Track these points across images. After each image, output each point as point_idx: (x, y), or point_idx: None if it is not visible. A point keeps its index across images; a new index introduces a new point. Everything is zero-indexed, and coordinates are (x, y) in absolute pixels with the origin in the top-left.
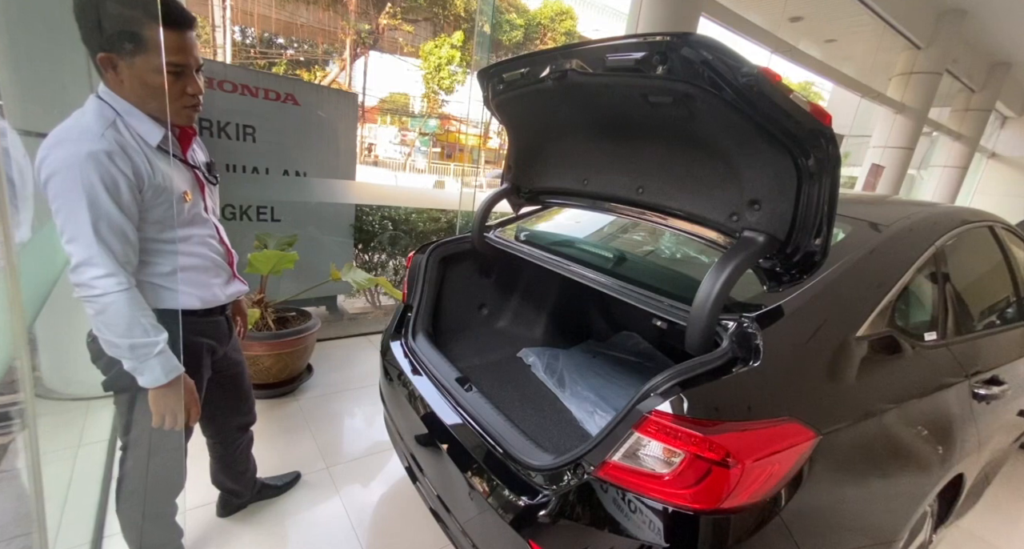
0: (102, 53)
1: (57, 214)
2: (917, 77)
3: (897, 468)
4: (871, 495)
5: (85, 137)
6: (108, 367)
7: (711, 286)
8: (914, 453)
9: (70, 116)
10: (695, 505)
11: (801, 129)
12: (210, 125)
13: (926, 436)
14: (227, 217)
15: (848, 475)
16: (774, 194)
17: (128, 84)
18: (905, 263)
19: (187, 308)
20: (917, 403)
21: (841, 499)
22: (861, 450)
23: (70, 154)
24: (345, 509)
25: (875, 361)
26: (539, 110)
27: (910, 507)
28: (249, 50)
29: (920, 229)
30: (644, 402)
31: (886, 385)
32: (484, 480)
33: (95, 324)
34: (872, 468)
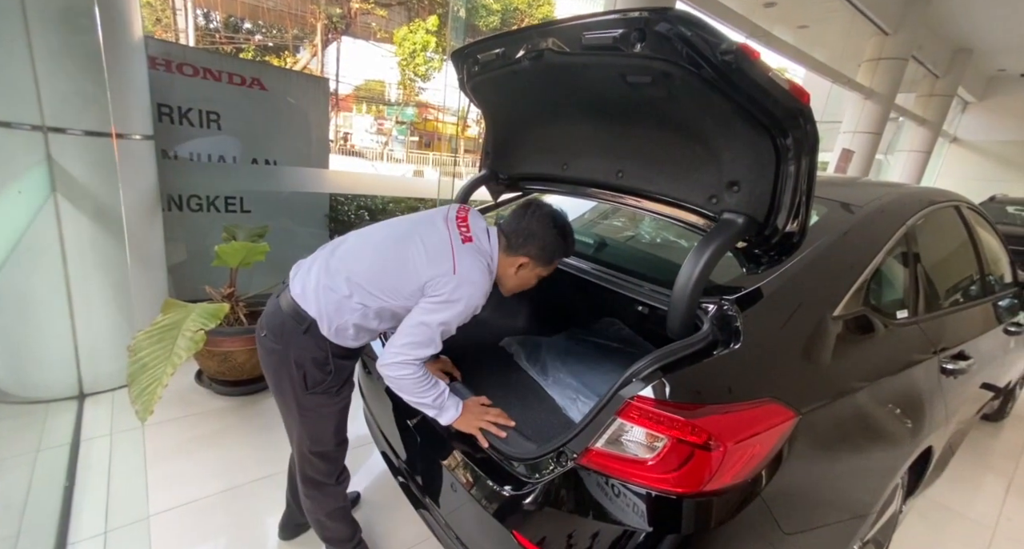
0: (525, 259)
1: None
2: (885, 63)
3: (872, 444)
4: (848, 471)
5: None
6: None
7: (691, 270)
8: (887, 429)
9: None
10: (678, 489)
11: (779, 108)
12: (170, 111)
13: (898, 412)
14: (192, 209)
15: (826, 453)
16: (753, 175)
17: (519, 275)
18: (878, 243)
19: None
20: (890, 380)
21: (820, 476)
22: (838, 428)
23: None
24: None
25: (850, 340)
26: (516, 93)
27: (884, 481)
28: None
29: (891, 210)
30: (626, 388)
31: (861, 363)
32: (466, 472)
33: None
34: (848, 445)
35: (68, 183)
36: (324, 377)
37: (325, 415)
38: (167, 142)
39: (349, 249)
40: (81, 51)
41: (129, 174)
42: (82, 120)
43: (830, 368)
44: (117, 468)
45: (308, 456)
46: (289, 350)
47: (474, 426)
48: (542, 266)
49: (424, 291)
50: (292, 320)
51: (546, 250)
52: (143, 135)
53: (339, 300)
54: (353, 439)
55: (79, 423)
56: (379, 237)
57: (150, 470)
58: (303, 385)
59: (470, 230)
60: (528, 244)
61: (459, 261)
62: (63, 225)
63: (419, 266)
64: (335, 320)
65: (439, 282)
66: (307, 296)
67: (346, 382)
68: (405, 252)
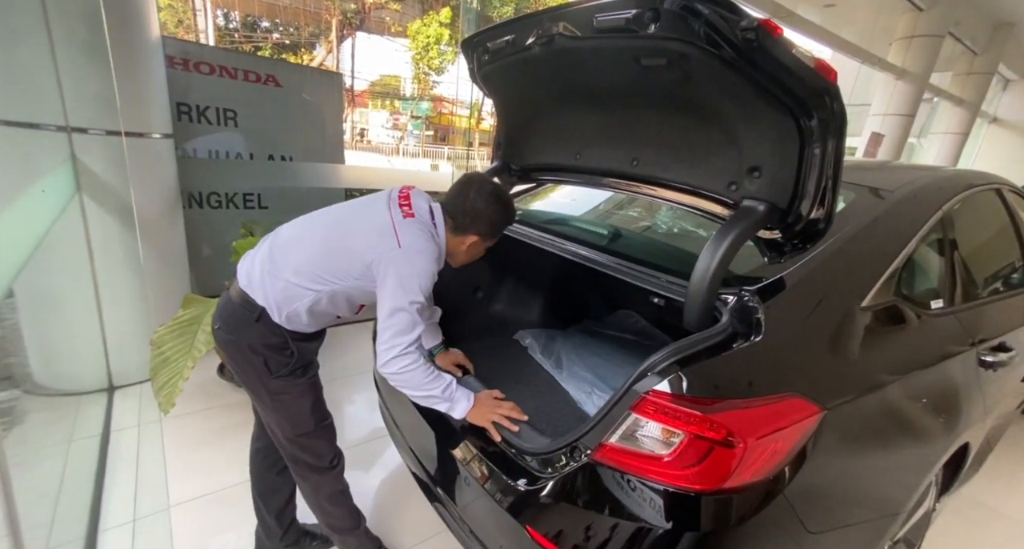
0: (475, 237)
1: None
2: (919, 41)
3: (904, 440)
4: (878, 468)
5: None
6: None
7: (709, 259)
8: (921, 424)
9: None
10: (697, 486)
11: (804, 87)
12: (189, 110)
13: (932, 406)
14: (213, 206)
15: (854, 449)
16: (775, 160)
17: (466, 250)
18: (910, 230)
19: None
20: (923, 373)
21: (847, 474)
22: (867, 423)
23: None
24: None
25: (881, 332)
26: (527, 81)
27: (916, 478)
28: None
29: (925, 194)
30: (641, 382)
31: (892, 356)
32: (479, 466)
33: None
34: (878, 441)
35: (92, 182)
36: (287, 360)
37: (297, 396)
38: (187, 141)
39: (292, 235)
40: (100, 52)
41: (149, 172)
42: (104, 120)
43: (859, 361)
44: (144, 459)
45: (295, 441)
46: (242, 339)
47: (487, 419)
48: (490, 239)
49: (373, 270)
50: (242, 310)
51: (494, 226)
52: (162, 134)
53: (285, 286)
54: (373, 431)
55: (109, 415)
56: (321, 222)
57: (175, 461)
58: (266, 371)
59: (412, 207)
60: (476, 224)
61: (402, 235)
62: (89, 223)
63: (363, 247)
64: (284, 307)
65: (387, 260)
66: (253, 285)
67: (311, 363)
68: (348, 234)
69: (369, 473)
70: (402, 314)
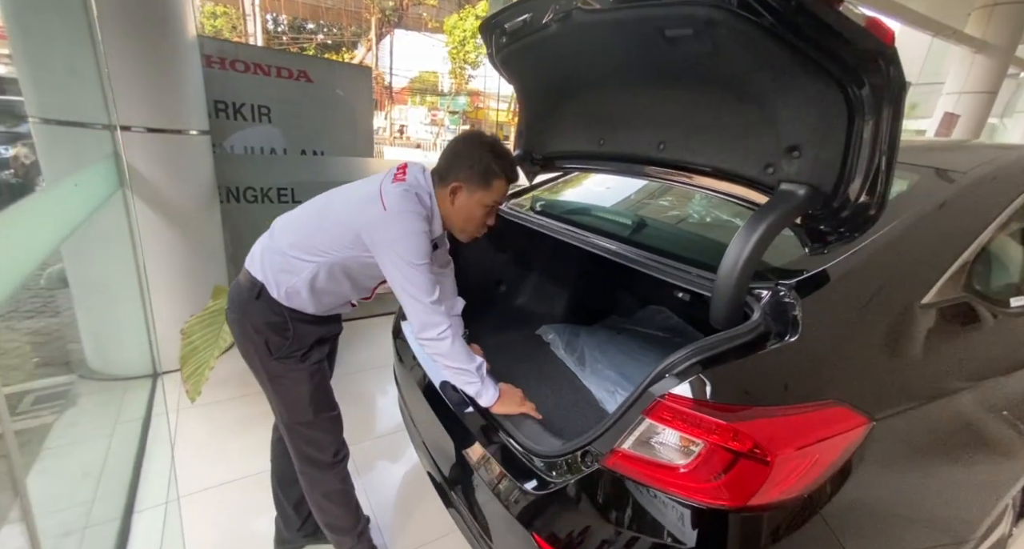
0: (457, 183)
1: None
2: (1003, 8)
3: (974, 457)
4: (940, 488)
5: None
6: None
7: (739, 249)
8: (995, 439)
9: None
10: (718, 502)
11: (854, 52)
12: (226, 107)
13: (1011, 419)
14: (248, 200)
15: (911, 466)
16: (818, 137)
17: (456, 206)
18: (986, 216)
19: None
20: (1001, 381)
21: (902, 494)
22: (929, 437)
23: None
24: (363, 488)
25: (947, 332)
26: (547, 63)
27: (989, 500)
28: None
29: (1006, 175)
30: (658, 384)
31: (962, 361)
32: (489, 467)
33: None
34: (943, 458)
35: (135, 177)
36: (284, 342)
37: (295, 381)
38: (224, 137)
39: (294, 214)
40: (142, 53)
41: (187, 168)
42: (145, 118)
43: (919, 366)
44: (180, 443)
45: (294, 428)
46: (246, 318)
47: (514, 410)
48: (479, 188)
49: (364, 239)
50: (246, 288)
51: (476, 167)
52: (199, 130)
53: (283, 259)
54: (395, 425)
55: (152, 400)
56: (321, 199)
57: (209, 446)
58: (267, 352)
59: (405, 175)
60: (456, 166)
61: (387, 198)
62: (132, 216)
63: (349, 215)
64: (283, 282)
65: (373, 225)
66: (254, 262)
67: (312, 348)
68: (339, 206)
69: (387, 468)
70: (412, 273)
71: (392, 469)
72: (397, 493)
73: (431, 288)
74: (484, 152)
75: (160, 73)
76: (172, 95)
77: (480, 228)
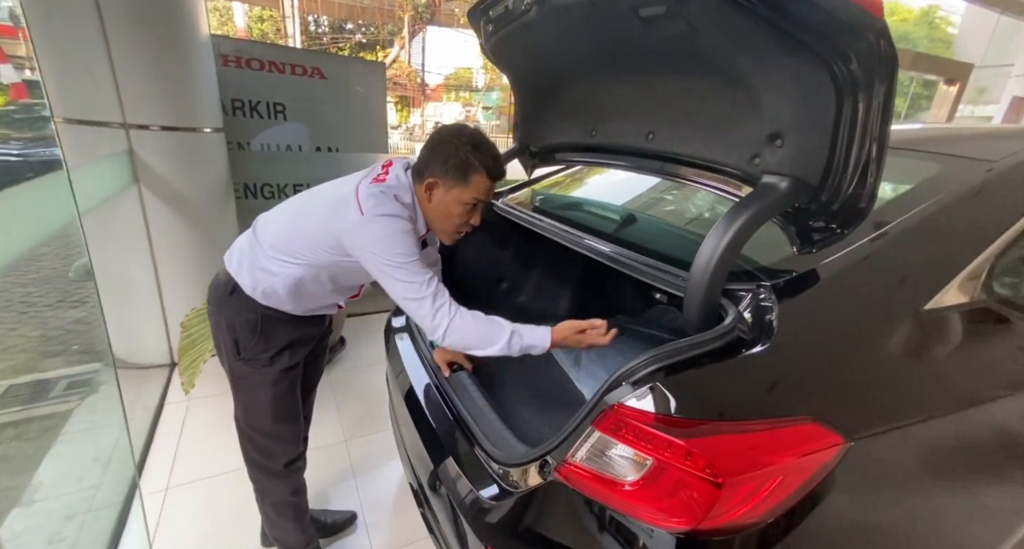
0: (433, 178)
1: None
2: None
3: (982, 482)
4: (940, 516)
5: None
6: None
7: (713, 247)
8: (1007, 465)
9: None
10: (665, 523)
11: (838, 25)
12: (242, 105)
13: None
14: (266, 197)
15: (904, 491)
16: (802, 124)
17: (433, 203)
18: (1013, 212)
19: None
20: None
21: (892, 523)
22: (927, 458)
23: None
24: (355, 484)
25: (957, 342)
26: (534, 50)
27: (1000, 530)
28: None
29: None
30: (614, 392)
31: (975, 374)
32: (451, 472)
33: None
34: (944, 482)
35: (148, 174)
36: (251, 342)
37: (257, 385)
38: (241, 134)
39: (273, 214)
40: (153, 53)
41: (201, 165)
42: (158, 116)
43: (916, 381)
44: (187, 433)
45: (245, 431)
46: (220, 313)
47: (583, 341)
48: (456, 184)
49: (344, 245)
50: (221, 284)
51: (451, 161)
52: (213, 128)
53: (263, 259)
54: (380, 428)
55: (166, 389)
56: (300, 201)
57: (213, 436)
58: (235, 350)
59: (387, 174)
60: (432, 160)
61: (363, 202)
62: (147, 213)
63: (330, 220)
64: (261, 281)
65: (354, 231)
66: (232, 258)
67: (282, 352)
68: (313, 208)
69: (381, 465)
70: (399, 273)
71: (386, 467)
72: (388, 491)
73: (424, 283)
74: (462, 144)
75: (173, 73)
76: (186, 94)
77: (460, 228)
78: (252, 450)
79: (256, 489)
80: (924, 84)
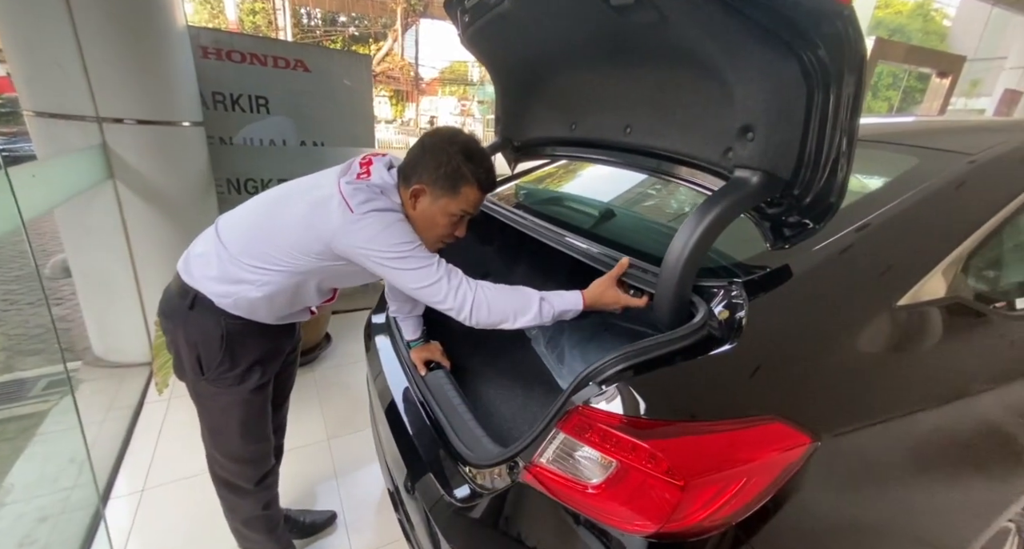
0: (420, 185)
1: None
2: None
3: (954, 480)
4: (912, 515)
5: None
6: None
7: (684, 242)
8: (983, 459)
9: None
10: (628, 526)
11: (805, 12)
12: (223, 99)
13: (1005, 436)
14: (250, 191)
15: (873, 491)
16: (773, 116)
17: (418, 211)
18: (990, 206)
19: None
20: (996, 392)
21: (862, 521)
22: (896, 457)
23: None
24: (337, 483)
25: (928, 338)
26: (510, 42)
27: (973, 528)
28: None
29: (1018, 158)
30: (581, 392)
31: (945, 371)
32: (424, 475)
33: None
34: (914, 481)
35: (124, 169)
36: (217, 358)
37: (227, 407)
38: (223, 128)
39: (239, 216)
40: (127, 44)
41: (180, 160)
42: (134, 110)
43: (887, 377)
44: (166, 433)
45: (212, 453)
46: (179, 330)
47: (619, 301)
48: (445, 194)
49: (336, 249)
50: (176, 296)
51: (442, 169)
52: (192, 122)
53: (234, 267)
54: (363, 426)
55: (146, 388)
56: (268, 201)
57: (192, 437)
58: (198, 369)
59: (369, 173)
60: (421, 166)
61: (350, 199)
62: (124, 209)
63: (315, 224)
64: (232, 292)
65: (346, 233)
66: (189, 266)
67: (252, 368)
68: (298, 212)
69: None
70: (406, 261)
71: (368, 467)
72: (369, 491)
73: (434, 266)
74: (454, 152)
75: (147, 65)
76: (161, 87)
77: (444, 239)
78: (219, 470)
79: (225, 506)
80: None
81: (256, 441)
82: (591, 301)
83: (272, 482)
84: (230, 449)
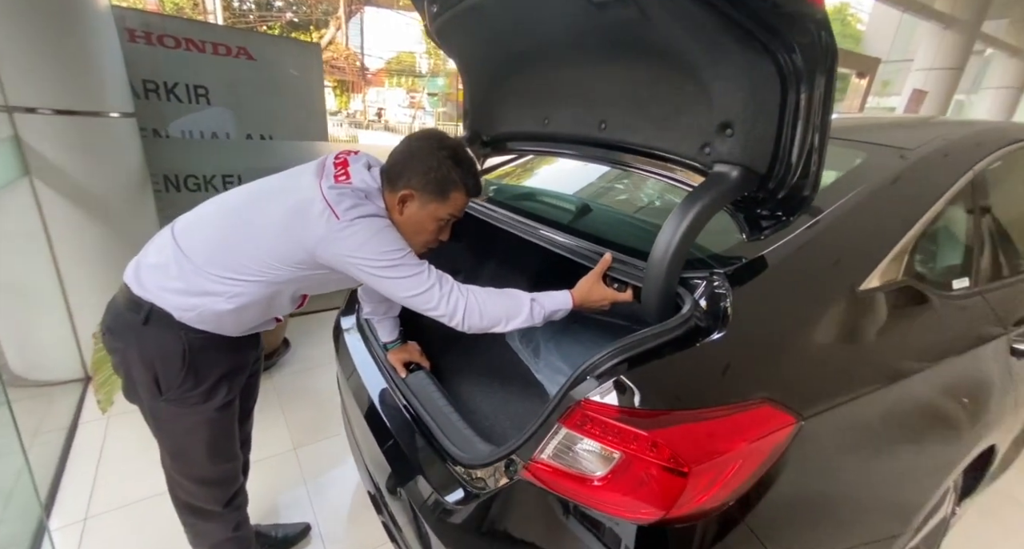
0: (407, 191)
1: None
2: None
3: (911, 447)
4: (878, 483)
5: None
6: None
7: (670, 236)
8: (933, 427)
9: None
10: (634, 515)
11: (782, 16)
12: (156, 87)
13: (950, 406)
14: (191, 189)
15: (845, 463)
16: (750, 113)
17: (405, 216)
18: (931, 195)
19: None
20: (940, 366)
21: (840, 491)
22: (865, 431)
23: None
24: (308, 492)
25: (885, 319)
26: (482, 34)
27: (926, 488)
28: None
29: (954, 152)
30: (580, 386)
31: (901, 348)
32: (413, 477)
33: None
34: (880, 451)
35: (42, 165)
36: (178, 377)
37: (192, 428)
38: (157, 120)
39: (201, 221)
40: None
41: (109, 154)
42: (52, 99)
43: (853, 357)
44: (107, 454)
45: (175, 478)
46: (131, 348)
47: (606, 298)
48: (434, 200)
49: (319, 258)
50: (126, 310)
51: (432, 175)
52: (122, 113)
53: (197, 278)
54: (334, 432)
55: (80, 406)
56: (235, 203)
57: (138, 457)
58: (155, 390)
59: (348, 175)
60: (408, 171)
61: (335, 204)
62: (44, 210)
63: (297, 231)
64: (198, 305)
65: (332, 241)
66: (141, 276)
67: (219, 384)
68: (275, 218)
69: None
70: (397, 269)
71: (340, 474)
72: (343, 499)
73: (425, 273)
74: (443, 158)
75: (63, 48)
76: (81, 73)
77: (429, 243)
78: (183, 495)
79: (190, 533)
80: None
81: (225, 460)
82: (580, 299)
83: (242, 502)
84: (196, 472)
